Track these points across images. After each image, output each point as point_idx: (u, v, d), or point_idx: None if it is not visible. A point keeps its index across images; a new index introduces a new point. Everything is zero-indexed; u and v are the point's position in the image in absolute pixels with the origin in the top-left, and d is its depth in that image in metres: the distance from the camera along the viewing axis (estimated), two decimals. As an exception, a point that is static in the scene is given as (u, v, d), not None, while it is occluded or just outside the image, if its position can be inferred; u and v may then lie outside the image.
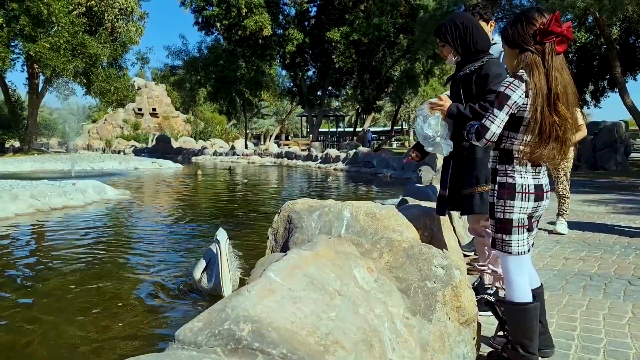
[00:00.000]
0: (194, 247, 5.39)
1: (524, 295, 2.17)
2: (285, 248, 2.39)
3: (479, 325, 2.32)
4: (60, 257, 4.87)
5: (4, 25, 21.23)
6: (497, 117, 2.00)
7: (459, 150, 2.75)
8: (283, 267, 1.58)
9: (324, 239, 1.91)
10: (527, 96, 1.98)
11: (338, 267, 1.74)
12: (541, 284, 2.33)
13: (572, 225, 5.53)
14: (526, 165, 2.08)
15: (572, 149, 5.16)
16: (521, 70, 2.01)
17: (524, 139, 2.04)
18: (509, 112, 2.00)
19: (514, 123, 2.05)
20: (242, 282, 3.83)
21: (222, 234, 3.57)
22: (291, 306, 1.43)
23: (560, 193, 5.25)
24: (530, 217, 2.14)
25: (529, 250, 2.19)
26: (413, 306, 2.03)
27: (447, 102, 2.63)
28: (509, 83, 2.01)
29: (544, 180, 2.13)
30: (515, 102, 1.99)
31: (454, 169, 2.80)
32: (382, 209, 2.41)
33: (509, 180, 2.08)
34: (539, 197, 2.10)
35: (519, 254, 2.14)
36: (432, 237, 3.07)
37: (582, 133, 5.02)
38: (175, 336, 1.34)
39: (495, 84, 2.58)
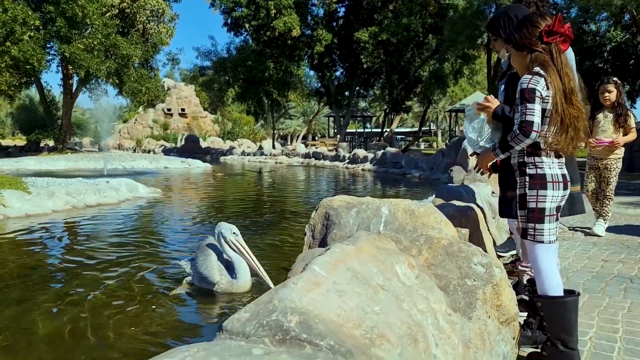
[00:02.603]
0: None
1: (556, 284, 2.21)
2: (323, 244, 2.40)
3: (519, 324, 2.29)
4: (96, 252, 4.98)
5: (41, 27, 21.79)
6: (533, 109, 2.09)
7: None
8: (327, 261, 1.58)
9: (365, 235, 1.91)
10: (547, 88, 2.10)
11: (380, 262, 1.74)
12: None
13: (609, 228, 5.40)
14: (551, 156, 2.18)
15: (622, 149, 5.07)
16: (536, 68, 2.13)
17: (548, 130, 2.13)
18: (540, 103, 2.10)
19: None
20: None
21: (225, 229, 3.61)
22: (336, 299, 1.43)
23: (608, 194, 5.15)
24: (557, 206, 2.21)
25: (556, 239, 2.25)
26: (453, 304, 2.02)
27: (493, 104, 2.57)
28: (529, 79, 2.11)
29: (565, 170, 2.24)
30: (541, 93, 2.09)
31: (502, 171, 2.76)
32: (420, 206, 2.40)
33: (539, 171, 2.17)
34: (565, 186, 2.20)
35: (550, 242, 2.20)
36: (469, 236, 3.05)
37: (633, 135, 4.97)
38: (223, 326, 1.36)
39: None
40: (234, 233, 3.60)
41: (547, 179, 2.16)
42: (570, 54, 3.48)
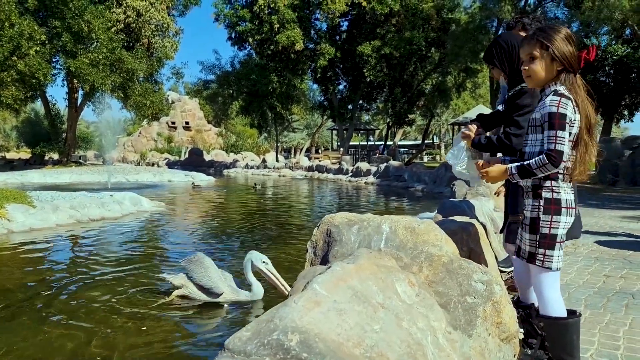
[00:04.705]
0: (227, 258, 5.46)
1: (560, 308, 2.17)
2: (324, 261, 2.42)
3: (519, 342, 2.30)
4: (98, 267, 5.00)
5: (47, 42, 22.01)
6: (563, 137, 1.99)
7: None
8: (327, 279, 1.61)
9: (366, 253, 1.94)
10: (575, 112, 2.02)
11: (380, 280, 1.76)
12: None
13: (611, 242, 5.41)
14: (566, 180, 2.10)
15: None
16: (560, 88, 2.04)
17: (571, 155, 2.05)
18: (569, 128, 2.01)
19: None
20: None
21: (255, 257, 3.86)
22: (337, 318, 1.45)
23: None
24: (566, 232, 2.15)
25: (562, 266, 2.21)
26: (453, 321, 2.04)
27: (473, 132, 2.70)
28: (557, 101, 2.00)
29: (574, 196, 2.18)
30: (570, 118, 2.01)
31: (507, 194, 2.86)
32: (421, 223, 2.43)
33: (555, 195, 2.09)
34: (574, 212, 2.13)
35: (557, 269, 2.15)
36: (470, 252, 3.06)
37: None
38: (224, 345, 1.38)
39: (519, 114, 2.67)
40: (264, 262, 3.82)
41: (562, 204, 2.09)
42: None
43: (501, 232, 3.43)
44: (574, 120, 2.01)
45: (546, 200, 2.10)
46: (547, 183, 2.11)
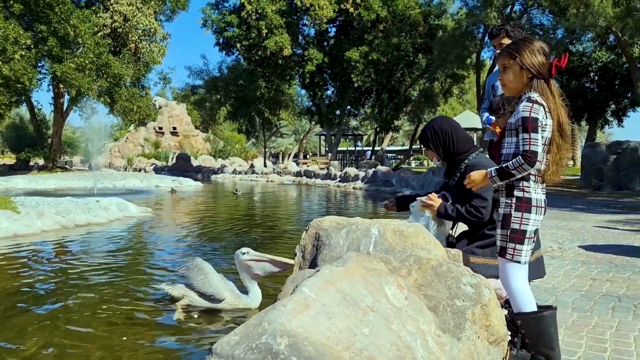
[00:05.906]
0: (215, 263, 5.42)
1: (529, 300, 2.27)
2: (313, 265, 2.41)
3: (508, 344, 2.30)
4: (84, 274, 4.94)
5: (32, 46, 21.79)
6: (537, 139, 2.13)
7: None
8: (316, 282, 1.60)
9: (355, 256, 1.93)
10: (546, 117, 2.14)
11: (370, 283, 1.76)
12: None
13: (598, 247, 5.45)
14: (538, 181, 2.23)
15: None
16: (534, 95, 2.17)
17: (543, 157, 2.16)
18: (541, 132, 2.13)
19: None
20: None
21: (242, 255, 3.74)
22: (326, 321, 1.44)
23: None
24: (536, 229, 2.27)
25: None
26: (442, 324, 2.03)
27: (436, 202, 2.85)
28: (530, 107, 2.14)
29: (545, 196, 2.29)
30: (542, 122, 2.13)
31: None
32: (409, 226, 2.42)
33: (526, 195, 2.22)
34: (545, 211, 2.26)
35: (525, 263, 2.27)
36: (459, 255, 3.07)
37: None
38: (212, 349, 1.36)
39: (481, 189, 2.66)
40: (244, 253, 3.73)
41: (533, 203, 2.21)
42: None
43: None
44: (546, 124, 2.14)
45: (518, 199, 2.23)
46: (520, 183, 2.23)
